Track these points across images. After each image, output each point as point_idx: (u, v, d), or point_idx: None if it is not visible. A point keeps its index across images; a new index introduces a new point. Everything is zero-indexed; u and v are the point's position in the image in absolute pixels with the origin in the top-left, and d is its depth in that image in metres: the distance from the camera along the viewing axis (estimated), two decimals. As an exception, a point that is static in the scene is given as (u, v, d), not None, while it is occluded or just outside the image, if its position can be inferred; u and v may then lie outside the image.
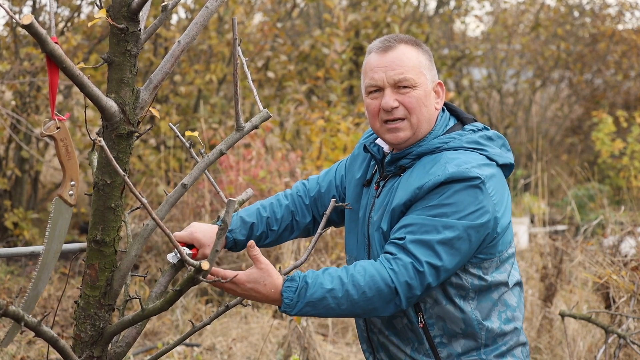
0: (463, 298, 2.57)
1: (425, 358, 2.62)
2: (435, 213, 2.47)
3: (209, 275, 2.34)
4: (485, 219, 2.49)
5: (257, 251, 2.43)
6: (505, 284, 2.63)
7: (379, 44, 2.63)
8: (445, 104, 2.73)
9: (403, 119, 2.60)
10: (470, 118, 2.69)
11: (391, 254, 2.47)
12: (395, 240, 2.48)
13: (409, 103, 2.59)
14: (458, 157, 2.54)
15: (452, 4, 11.68)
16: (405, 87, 2.58)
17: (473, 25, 21.20)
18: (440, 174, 2.49)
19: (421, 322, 2.59)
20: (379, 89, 2.62)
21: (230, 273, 2.42)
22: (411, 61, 2.59)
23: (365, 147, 2.76)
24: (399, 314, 2.62)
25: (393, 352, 2.67)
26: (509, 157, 2.65)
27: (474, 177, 2.48)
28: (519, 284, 2.71)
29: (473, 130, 2.64)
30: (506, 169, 2.66)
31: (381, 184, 2.69)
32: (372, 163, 2.79)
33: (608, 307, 4.73)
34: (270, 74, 8.43)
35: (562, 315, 3.82)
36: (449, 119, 2.69)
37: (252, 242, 2.43)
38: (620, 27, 12.03)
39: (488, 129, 2.68)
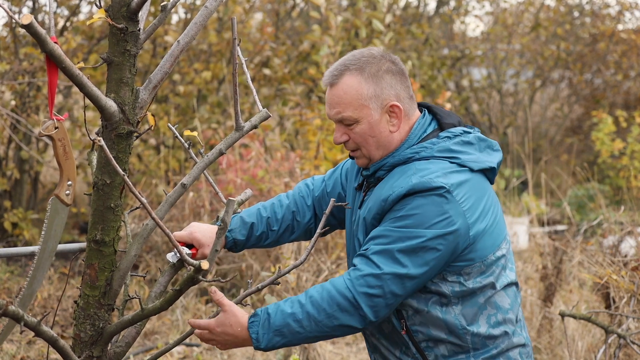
0: (445, 305, 2.57)
1: None
2: (401, 224, 2.49)
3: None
4: (454, 227, 2.48)
5: (219, 295, 2.48)
6: (492, 286, 2.60)
7: (326, 78, 2.65)
8: (428, 107, 2.71)
9: (356, 150, 2.67)
10: (450, 123, 2.66)
11: (354, 265, 2.51)
12: (361, 251, 2.53)
13: (354, 138, 2.65)
14: (426, 167, 2.55)
15: (452, 4, 11.67)
16: (348, 124, 2.63)
17: (473, 25, 21.20)
18: (403, 186, 2.51)
19: (403, 329, 2.61)
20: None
21: (204, 322, 2.50)
22: (349, 96, 2.60)
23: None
24: (385, 319, 2.62)
25: (385, 354, 2.70)
26: (487, 161, 2.62)
27: (437, 187, 2.49)
28: (513, 284, 2.68)
29: (449, 137, 2.62)
30: (488, 172, 2.64)
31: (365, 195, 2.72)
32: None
33: (608, 307, 4.73)
34: (267, 71, 8.38)
35: (562, 315, 3.82)
36: (429, 124, 2.67)
37: (214, 287, 2.49)
38: (620, 27, 12.02)
39: (469, 133, 2.65)
